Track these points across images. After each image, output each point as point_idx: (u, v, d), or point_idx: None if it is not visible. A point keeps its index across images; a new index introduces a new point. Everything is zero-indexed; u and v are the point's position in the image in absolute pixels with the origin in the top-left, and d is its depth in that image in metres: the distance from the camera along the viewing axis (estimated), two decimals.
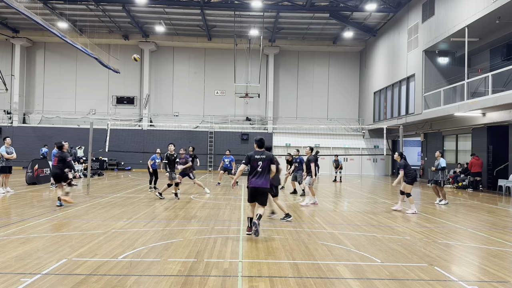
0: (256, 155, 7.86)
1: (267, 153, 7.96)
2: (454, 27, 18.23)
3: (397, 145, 26.52)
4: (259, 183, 7.75)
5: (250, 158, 7.85)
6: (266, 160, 7.81)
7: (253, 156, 7.86)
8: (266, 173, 7.81)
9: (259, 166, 7.78)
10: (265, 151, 7.99)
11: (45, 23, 19.85)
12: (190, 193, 14.95)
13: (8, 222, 8.72)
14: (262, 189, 7.78)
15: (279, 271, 5.63)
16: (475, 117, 18.75)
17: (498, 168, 18.63)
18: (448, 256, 6.70)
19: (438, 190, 13.56)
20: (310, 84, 32.91)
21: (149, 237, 7.49)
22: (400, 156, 11.92)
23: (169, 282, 5.08)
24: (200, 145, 29.35)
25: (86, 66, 31.31)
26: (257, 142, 7.99)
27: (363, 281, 5.28)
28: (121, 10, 26.10)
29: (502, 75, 15.71)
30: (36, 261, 5.78)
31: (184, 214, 10.34)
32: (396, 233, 8.42)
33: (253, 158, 7.84)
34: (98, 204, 11.63)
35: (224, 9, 25.98)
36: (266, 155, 7.87)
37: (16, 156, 14.24)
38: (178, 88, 32.38)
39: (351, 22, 27.24)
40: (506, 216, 11.25)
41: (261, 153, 7.90)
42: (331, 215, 10.60)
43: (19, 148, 26.93)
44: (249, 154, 7.90)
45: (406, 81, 23.70)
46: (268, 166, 7.84)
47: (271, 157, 7.90)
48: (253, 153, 7.92)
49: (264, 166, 7.79)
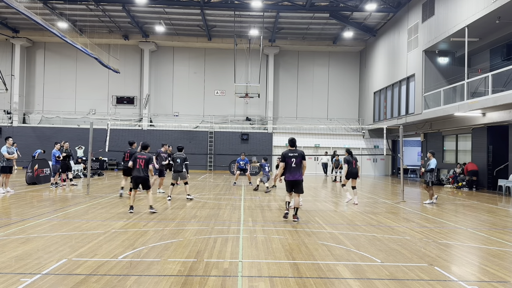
0: (290, 153, 9.19)
1: (299, 150, 9.27)
2: (454, 27, 18.22)
3: (397, 145, 26.55)
4: (296, 176, 9.12)
5: (285, 156, 9.18)
6: (298, 157, 9.14)
7: (287, 154, 9.18)
8: (299, 167, 9.13)
9: (293, 162, 9.11)
10: (297, 149, 9.30)
11: (45, 23, 19.85)
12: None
13: (8, 222, 8.72)
14: (297, 180, 9.16)
15: (279, 271, 5.63)
16: (475, 117, 18.75)
17: (498, 168, 18.64)
18: (448, 256, 6.70)
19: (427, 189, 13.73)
20: (310, 84, 32.91)
21: (149, 237, 7.49)
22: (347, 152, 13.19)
23: (169, 282, 5.08)
24: (200, 145, 29.38)
25: (86, 66, 31.32)
26: (290, 142, 9.34)
27: (363, 281, 5.28)
28: (121, 10, 26.10)
29: (502, 75, 15.70)
30: (36, 261, 5.78)
31: (184, 214, 10.34)
32: (396, 233, 8.42)
33: (288, 155, 9.16)
34: (98, 204, 11.63)
35: (224, 9, 25.97)
36: (298, 152, 9.20)
37: (18, 156, 14.25)
38: (178, 88, 32.38)
39: (351, 22, 27.24)
40: (506, 216, 11.25)
41: (293, 151, 9.24)
42: (331, 215, 10.60)
43: (19, 148, 26.98)
44: (284, 153, 9.23)
45: (406, 81, 23.70)
46: (300, 162, 9.14)
47: (302, 154, 9.20)
48: (287, 151, 9.25)
49: (298, 162, 9.11)
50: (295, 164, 9.09)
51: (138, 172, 10.12)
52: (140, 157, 10.20)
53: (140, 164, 10.12)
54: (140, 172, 10.11)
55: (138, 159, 10.16)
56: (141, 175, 10.12)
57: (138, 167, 10.11)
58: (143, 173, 10.13)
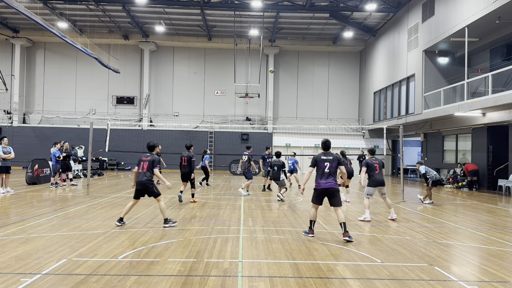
0: (323, 156, 7.78)
1: (334, 154, 7.88)
2: (454, 27, 18.22)
3: (397, 145, 26.54)
4: (330, 183, 7.64)
5: (317, 160, 7.79)
6: (334, 161, 7.72)
7: (320, 157, 7.79)
8: (333, 173, 7.70)
9: (326, 167, 7.68)
10: (331, 152, 7.93)
11: (45, 23, 19.85)
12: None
13: (8, 222, 8.72)
14: (332, 189, 7.64)
15: (279, 271, 5.62)
16: (475, 117, 18.75)
17: (498, 168, 18.65)
18: (448, 256, 6.70)
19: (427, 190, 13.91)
20: (310, 84, 32.91)
21: (149, 237, 7.49)
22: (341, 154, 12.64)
23: (169, 282, 5.08)
24: (200, 145, 29.35)
25: (86, 66, 31.32)
26: (323, 145, 7.96)
27: (363, 281, 5.28)
28: (121, 10, 26.10)
29: (502, 75, 15.71)
30: (36, 261, 5.78)
31: (184, 214, 10.34)
32: (396, 233, 8.42)
33: (320, 159, 7.76)
34: (98, 204, 11.63)
35: (224, 9, 25.97)
36: (333, 156, 7.79)
37: (14, 156, 14.21)
38: (178, 88, 32.38)
39: (351, 22, 27.24)
40: (506, 216, 11.25)
41: (328, 154, 7.84)
42: (331, 215, 10.59)
43: (19, 148, 27.04)
44: (315, 156, 7.87)
45: (406, 81, 23.70)
46: (336, 167, 7.76)
47: (338, 158, 7.81)
48: (320, 154, 7.86)
49: (332, 167, 7.68)
50: (328, 169, 7.64)
51: (140, 177, 8.47)
52: (144, 159, 8.55)
53: (143, 167, 8.49)
54: (142, 177, 8.44)
55: (141, 162, 8.53)
56: (143, 179, 8.44)
57: (141, 170, 8.48)
58: (145, 177, 8.45)
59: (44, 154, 20.91)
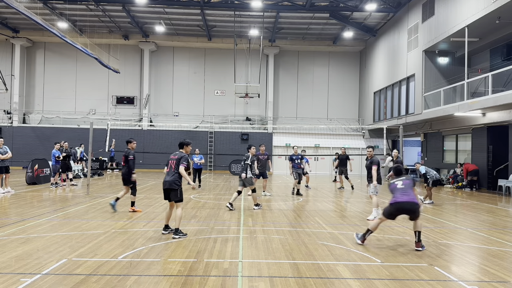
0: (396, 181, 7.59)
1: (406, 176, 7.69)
2: (454, 27, 18.22)
3: (397, 145, 26.53)
4: (409, 196, 7.19)
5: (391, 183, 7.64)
6: (407, 180, 7.48)
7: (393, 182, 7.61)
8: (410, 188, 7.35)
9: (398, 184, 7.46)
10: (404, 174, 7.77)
11: (45, 23, 19.86)
12: (189, 194, 14.96)
13: (8, 222, 8.72)
14: (412, 203, 7.11)
15: (279, 271, 5.62)
16: (475, 117, 18.75)
17: (498, 168, 18.64)
18: (448, 256, 6.70)
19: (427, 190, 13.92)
20: (310, 84, 32.90)
21: (149, 237, 7.49)
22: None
23: (169, 282, 5.08)
24: (200, 145, 29.31)
25: (86, 66, 31.29)
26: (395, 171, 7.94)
27: (363, 281, 5.28)
28: (121, 10, 26.09)
29: (502, 75, 15.70)
30: (36, 261, 5.78)
31: (184, 214, 10.31)
32: (396, 233, 8.42)
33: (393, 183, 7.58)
34: (98, 204, 11.63)
35: (224, 9, 25.97)
36: (405, 176, 7.64)
37: (12, 155, 14.17)
38: (178, 88, 32.38)
39: (351, 22, 27.24)
40: (506, 216, 11.25)
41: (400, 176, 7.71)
42: (331, 215, 10.59)
43: (19, 148, 27.07)
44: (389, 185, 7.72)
45: (406, 81, 23.70)
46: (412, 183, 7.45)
47: (411, 178, 7.61)
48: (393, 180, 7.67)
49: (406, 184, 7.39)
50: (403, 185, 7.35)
51: (167, 177, 7.86)
52: (172, 158, 7.95)
53: (171, 166, 7.88)
54: (169, 176, 7.81)
55: (169, 161, 7.96)
56: (169, 179, 7.77)
57: (169, 169, 7.89)
58: (172, 177, 7.75)
59: (44, 154, 20.90)
